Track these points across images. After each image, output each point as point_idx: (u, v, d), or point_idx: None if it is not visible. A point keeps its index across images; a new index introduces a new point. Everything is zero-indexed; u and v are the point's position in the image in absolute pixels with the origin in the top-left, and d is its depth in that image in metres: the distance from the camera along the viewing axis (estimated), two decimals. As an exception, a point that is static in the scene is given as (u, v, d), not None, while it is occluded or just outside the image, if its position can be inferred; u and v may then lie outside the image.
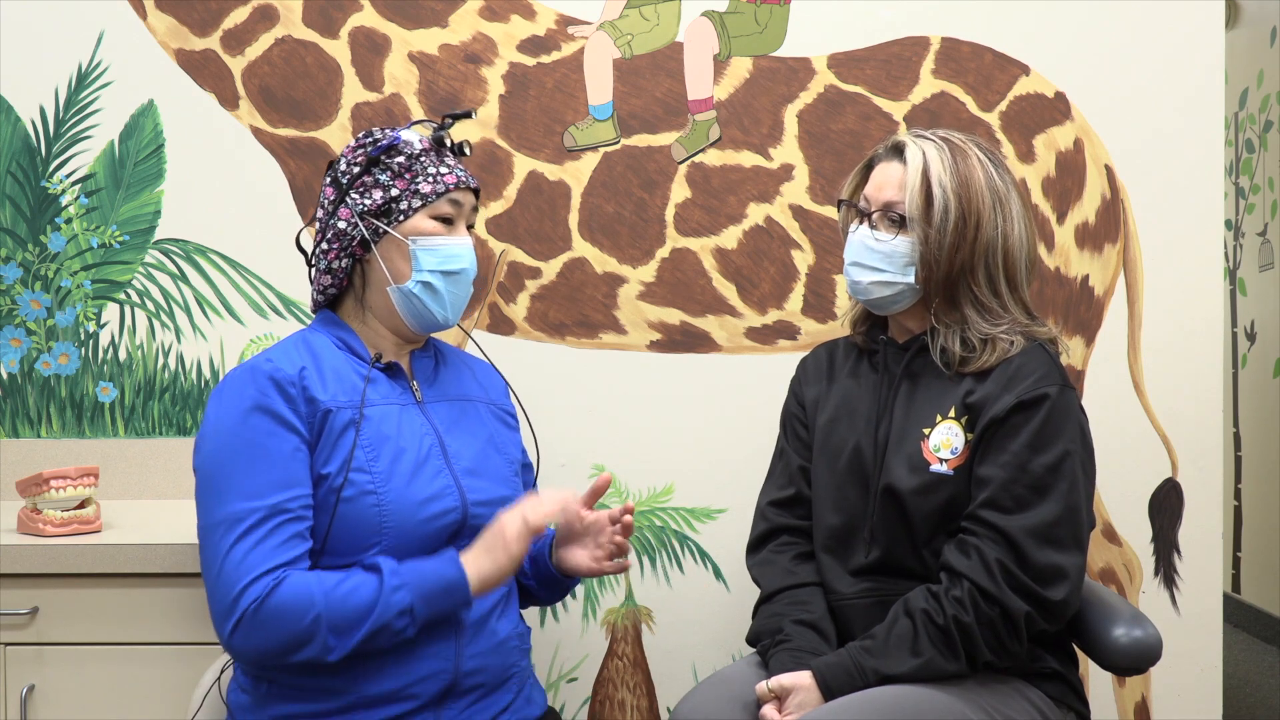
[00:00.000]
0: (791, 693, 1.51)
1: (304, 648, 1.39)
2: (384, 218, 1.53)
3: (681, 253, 2.16)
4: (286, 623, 1.38)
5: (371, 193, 1.53)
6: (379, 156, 1.53)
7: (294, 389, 1.45)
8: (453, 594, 1.44)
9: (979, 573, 1.49)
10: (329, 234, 1.55)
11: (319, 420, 1.46)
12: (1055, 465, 1.52)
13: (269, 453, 1.43)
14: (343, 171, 1.56)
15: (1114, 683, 2.17)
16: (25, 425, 2.21)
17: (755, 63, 2.16)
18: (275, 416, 1.44)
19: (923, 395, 1.62)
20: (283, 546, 1.41)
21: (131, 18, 2.17)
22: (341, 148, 2.15)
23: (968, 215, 1.57)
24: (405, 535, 1.47)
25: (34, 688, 1.79)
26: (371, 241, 1.53)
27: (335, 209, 1.54)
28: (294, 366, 1.47)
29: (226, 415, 1.45)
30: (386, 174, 1.53)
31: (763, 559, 1.73)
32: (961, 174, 1.58)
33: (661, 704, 2.19)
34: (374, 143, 1.55)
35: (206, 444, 1.45)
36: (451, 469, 1.53)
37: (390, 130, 1.57)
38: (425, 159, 1.54)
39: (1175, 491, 2.17)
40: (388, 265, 1.53)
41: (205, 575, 1.43)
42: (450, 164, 1.56)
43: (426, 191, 1.53)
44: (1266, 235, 3.84)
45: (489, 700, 1.52)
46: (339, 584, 1.41)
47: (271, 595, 1.38)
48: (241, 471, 1.42)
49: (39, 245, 2.20)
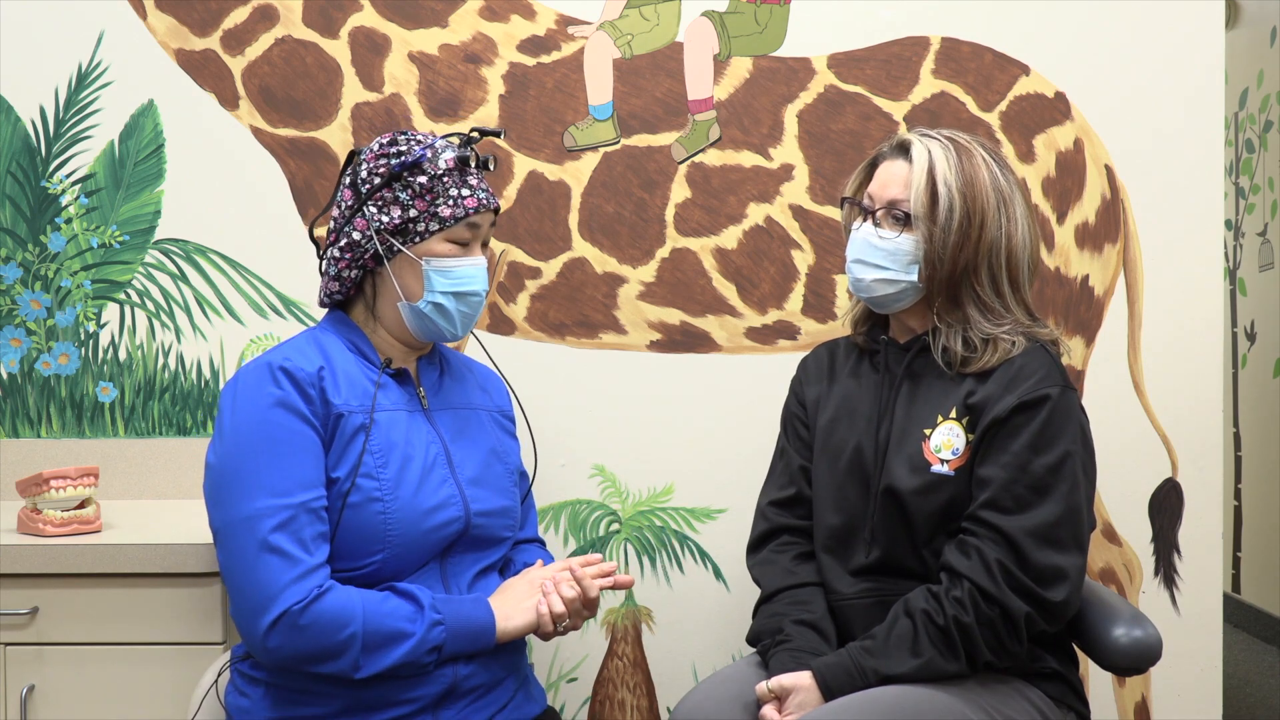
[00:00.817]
0: (791, 693, 1.51)
1: (334, 660, 1.39)
2: (400, 236, 1.51)
3: (681, 253, 2.16)
4: (325, 632, 1.38)
5: (390, 209, 1.51)
6: (401, 173, 1.51)
7: (313, 389, 1.45)
8: (479, 641, 1.47)
9: (979, 573, 1.49)
10: (342, 241, 1.53)
11: (332, 422, 1.46)
12: (1056, 466, 1.52)
13: (294, 450, 1.42)
14: (363, 179, 1.53)
15: (1114, 683, 2.17)
16: (25, 425, 2.21)
17: (755, 63, 2.16)
18: (298, 414, 1.43)
19: (924, 396, 1.62)
20: (314, 547, 1.41)
21: (131, 18, 2.17)
22: (341, 148, 2.16)
23: (972, 215, 1.57)
24: (408, 543, 1.47)
25: (34, 688, 1.79)
26: (385, 258, 1.52)
27: (351, 217, 1.52)
28: (313, 365, 1.47)
29: (249, 410, 1.44)
30: (407, 192, 1.51)
31: (763, 559, 1.73)
32: (967, 173, 1.58)
33: (661, 704, 2.19)
34: (398, 154, 1.52)
35: (227, 438, 1.44)
36: (456, 478, 1.53)
37: (417, 143, 1.53)
38: (448, 179, 1.52)
39: (1175, 491, 2.17)
40: (399, 282, 1.52)
41: (230, 573, 1.42)
42: (473, 184, 1.53)
43: (446, 215, 1.51)
44: (1266, 235, 3.84)
45: (487, 699, 1.52)
46: (380, 604, 1.42)
47: (317, 601, 1.38)
48: (266, 467, 1.41)
49: (39, 245, 2.20)
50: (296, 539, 1.39)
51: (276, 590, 1.37)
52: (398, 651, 1.40)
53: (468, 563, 1.56)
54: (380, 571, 1.47)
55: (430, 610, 1.43)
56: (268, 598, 1.37)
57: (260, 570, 1.38)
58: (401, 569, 1.48)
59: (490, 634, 1.48)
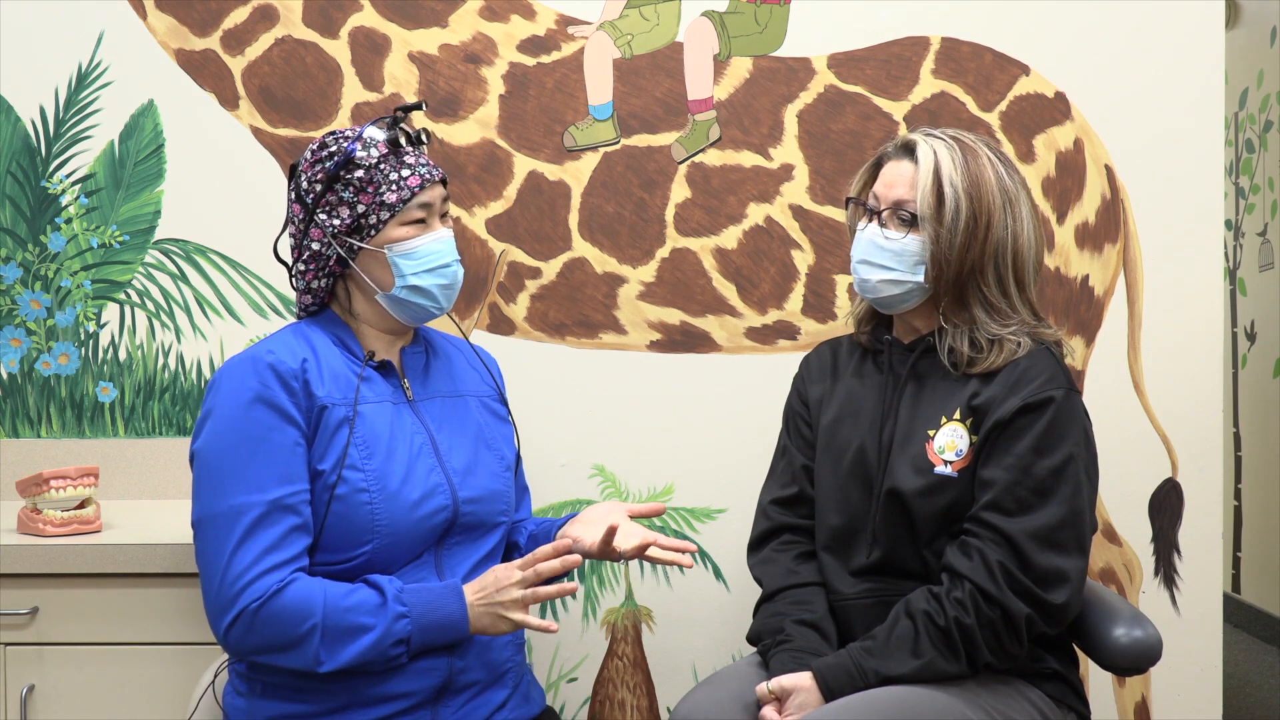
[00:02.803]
0: (792, 693, 1.51)
1: (294, 652, 1.40)
2: (356, 234, 1.51)
3: (681, 253, 2.16)
4: (285, 626, 1.39)
5: (338, 211, 1.51)
6: (338, 173, 1.50)
7: (296, 382, 1.45)
8: (451, 631, 1.45)
9: (980, 574, 1.49)
10: (304, 254, 1.54)
11: (316, 415, 1.46)
12: (1059, 469, 1.51)
13: (271, 446, 1.43)
14: (305, 190, 1.52)
15: (1114, 683, 2.17)
16: (25, 425, 2.21)
17: (755, 63, 2.16)
18: (277, 409, 1.44)
19: (928, 397, 1.62)
20: (285, 543, 1.42)
21: (131, 18, 2.17)
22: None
23: (979, 215, 1.57)
24: (397, 533, 1.47)
25: (34, 688, 1.79)
26: (349, 259, 1.52)
27: (306, 229, 1.52)
28: (296, 359, 1.47)
29: (228, 405, 1.44)
30: (349, 190, 1.50)
31: (764, 558, 1.73)
32: (973, 173, 1.58)
33: (661, 704, 2.19)
34: (329, 155, 1.52)
35: (206, 433, 1.45)
36: (443, 466, 1.54)
37: (344, 139, 1.53)
38: (385, 166, 1.51)
39: (1175, 491, 2.17)
40: (370, 277, 1.53)
41: (202, 565, 1.43)
42: (411, 163, 1.52)
43: (393, 201, 1.50)
44: (1266, 235, 3.84)
45: (485, 697, 1.52)
46: (344, 597, 1.41)
47: (275, 597, 1.39)
48: (243, 464, 1.42)
49: (39, 245, 2.20)
50: (267, 536, 1.41)
51: (240, 589, 1.39)
52: (359, 645, 1.40)
53: (464, 552, 1.56)
54: (371, 563, 1.47)
55: (394, 603, 1.42)
56: (232, 596, 1.39)
57: (226, 566, 1.40)
58: (392, 560, 1.48)
59: (463, 624, 1.45)
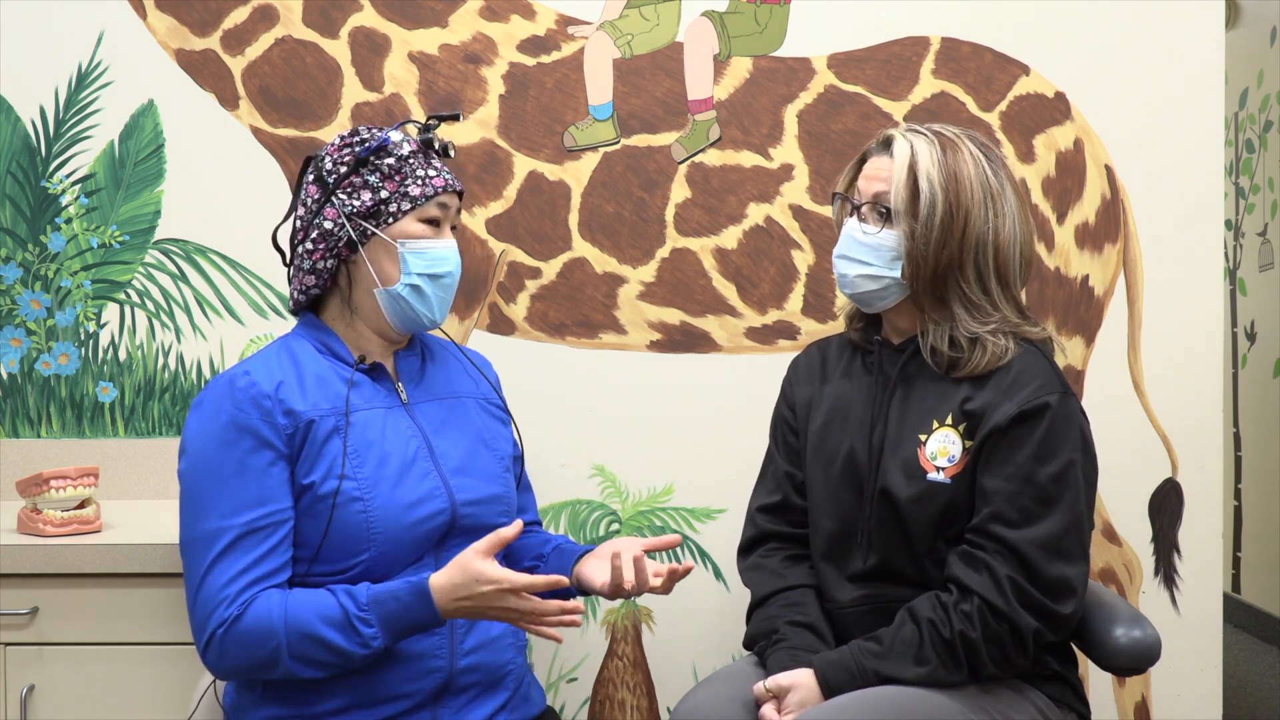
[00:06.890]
0: (790, 691, 1.50)
1: (271, 670, 1.42)
2: (372, 220, 1.51)
3: (681, 253, 2.16)
4: (251, 648, 1.41)
5: (360, 194, 1.51)
6: (368, 158, 1.52)
7: (269, 402, 1.45)
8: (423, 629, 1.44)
9: (989, 589, 1.48)
10: (313, 233, 1.53)
11: (301, 430, 1.46)
12: (1060, 475, 1.51)
13: (244, 470, 1.43)
14: (328, 170, 1.53)
15: (1114, 683, 2.17)
16: (25, 425, 2.21)
17: (755, 63, 2.16)
18: (251, 433, 1.44)
19: (918, 400, 1.61)
20: (256, 564, 1.42)
21: (131, 18, 2.17)
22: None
23: (955, 210, 1.55)
24: (394, 540, 1.47)
25: (34, 688, 1.79)
26: (359, 243, 1.52)
27: (320, 208, 1.52)
28: (271, 381, 1.46)
29: (204, 430, 1.46)
30: (375, 175, 1.52)
31: (752, 563, 1.72)
32: (950, 168, 1.56)
33: (661, 704, 2.19)
34: (361, 142, 1.54)
35: (186, 458, 1.47)
36: (440, 470, 1.53)
37: (378, 130, 1.56)
38: (414, 161, 1.53)
39: (1175, 491, 2.17)
40: (375, 268, 1.52)
41: (186, 591, 1.45)
42: (438, 167, 1.55)
43: (416, 194, 1.52)
44: (1266, 235, 3.84)
45: (486, 698, 1.52)
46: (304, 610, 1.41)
47: (238, 620, 1.40)
48: (215, 489, 1.43)
49: (39, 245, 2.20)
50: (239, 560, 1.41)
51: (209, 612, 1.41)
52: (330, 657, 1.40)
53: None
54: (369, 571, 1.47)
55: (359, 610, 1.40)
56: (203, 620, 1.42)
57: (200, 593, 1.42)
58: (391, 566, 1.48)
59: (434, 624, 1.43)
